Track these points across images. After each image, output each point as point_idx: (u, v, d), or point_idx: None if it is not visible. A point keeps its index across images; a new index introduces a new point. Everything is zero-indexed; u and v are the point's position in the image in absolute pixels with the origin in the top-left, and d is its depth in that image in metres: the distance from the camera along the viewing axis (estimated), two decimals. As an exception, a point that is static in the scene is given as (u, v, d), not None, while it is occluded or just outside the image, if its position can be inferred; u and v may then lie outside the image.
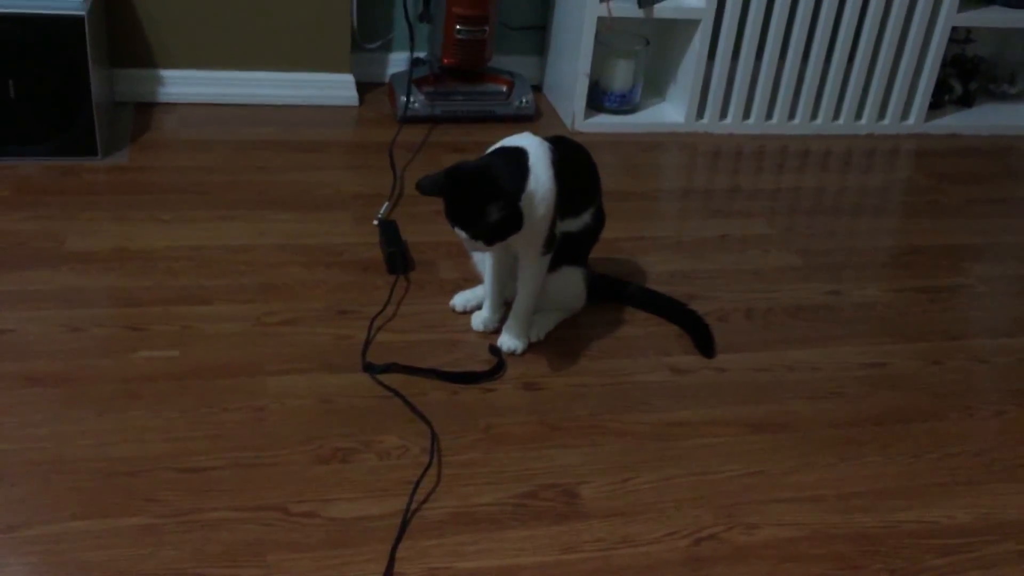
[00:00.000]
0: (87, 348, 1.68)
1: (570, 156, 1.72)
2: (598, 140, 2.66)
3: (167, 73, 2.59)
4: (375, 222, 2.14)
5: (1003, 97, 3.16)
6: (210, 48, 2.58)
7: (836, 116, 2.87)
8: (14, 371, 1.61)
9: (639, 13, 2.60)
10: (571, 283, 1.82)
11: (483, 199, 1.56)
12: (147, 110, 2.56)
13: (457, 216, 1.60)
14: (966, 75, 3.04)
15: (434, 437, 1.56)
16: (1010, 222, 2.49)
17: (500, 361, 1.74)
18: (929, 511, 1.52)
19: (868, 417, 1.72)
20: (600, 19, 2.58)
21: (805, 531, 1.46)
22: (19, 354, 1.65)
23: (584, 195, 1.76)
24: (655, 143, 2.73)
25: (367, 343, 1.76)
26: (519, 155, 1.62)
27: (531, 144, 1.64)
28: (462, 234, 1.61)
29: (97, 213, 2.09)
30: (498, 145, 1.67)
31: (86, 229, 2.02)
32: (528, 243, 1.69)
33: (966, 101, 3.07)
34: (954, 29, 2.82)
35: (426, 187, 1.61)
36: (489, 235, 1.59)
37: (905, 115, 2.92)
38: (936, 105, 2.99)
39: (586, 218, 1.78)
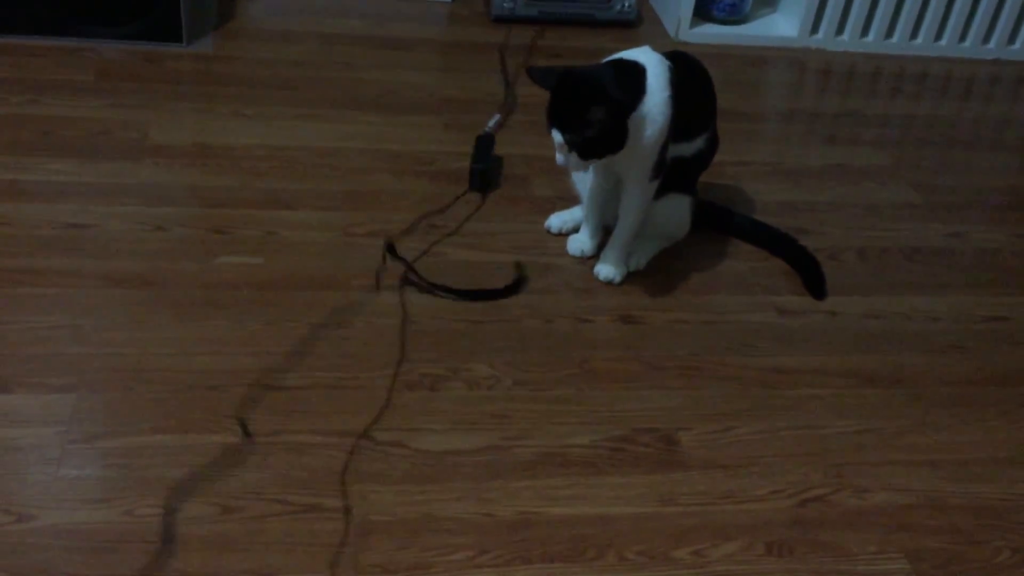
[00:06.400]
0: (169, 250, 1.62)
1: (690, 77, 1.58)
2: (703, 52, 2.46)
3: (254, -44, 2.46)
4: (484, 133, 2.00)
5: None
6: (300, -68, 2.45)
7: (963, 38, 2.65)
8: (95, 269, 1.55)
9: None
10: (677, 211, 1.70)
11: (589, 99, 1.44)
12: (232, -5, 2.45)
13: (557, 114, 1.48)
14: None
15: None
16: None
17: (520, 276, 1.64)
18: (1055, 485, 1.41)
19: (989, 376, 1.60)
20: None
21: (919, 498, 1.36)
22: (100, 251, 1.59)
23: (700, 119, 1.63)
24: (763, 58, 2.55)
25: (408, 263, 1.66)
26: (637, 71, 1.49)
27: (651, 61, 1.50)
28: (558, 138, 1.49)
29: (180, 104, 2.00)
30: (616, 56, 1.53)
31: (169, 121, 1.94)
32: (635, 167, 1.57)
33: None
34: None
35: (537, 76, 1.50)
36: (585, 144, 1.47)
37: (1037, 40, 2.69)
38: (1072, 31, 2.74)
39: (699, 143, 1.64)
